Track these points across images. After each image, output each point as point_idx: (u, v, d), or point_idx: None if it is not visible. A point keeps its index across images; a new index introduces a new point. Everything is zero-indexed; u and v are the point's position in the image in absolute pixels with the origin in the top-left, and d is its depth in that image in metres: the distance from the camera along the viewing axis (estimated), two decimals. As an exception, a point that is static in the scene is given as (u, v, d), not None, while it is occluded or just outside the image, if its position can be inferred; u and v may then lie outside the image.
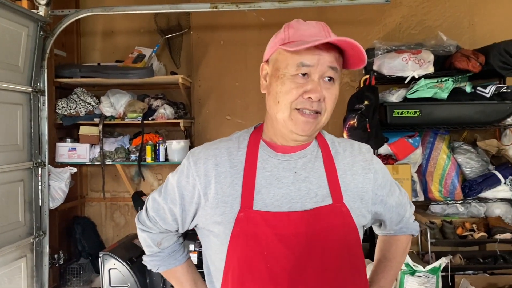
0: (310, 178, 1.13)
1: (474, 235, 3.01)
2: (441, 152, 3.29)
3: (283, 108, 1.08)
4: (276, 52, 1.12)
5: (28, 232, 2.80)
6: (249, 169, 1.13)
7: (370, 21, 3.73)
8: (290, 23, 1.13)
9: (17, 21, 2.58)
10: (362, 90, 3.19)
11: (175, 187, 1.17)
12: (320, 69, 1.06)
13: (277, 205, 1.10)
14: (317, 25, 1.11)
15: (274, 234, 1.06)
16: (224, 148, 1.17)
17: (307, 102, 1.06)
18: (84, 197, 4.10)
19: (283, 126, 1.11)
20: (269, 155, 1.15)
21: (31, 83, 2.82)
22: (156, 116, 3.56)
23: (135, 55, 3.64)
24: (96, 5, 3.77)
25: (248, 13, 3.77)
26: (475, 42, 3.52)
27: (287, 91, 1.07)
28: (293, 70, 1.06)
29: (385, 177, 1.24)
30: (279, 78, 1.09)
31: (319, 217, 1.09)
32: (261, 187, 1.11)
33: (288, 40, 1.09)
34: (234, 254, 1.08)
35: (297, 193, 1.11)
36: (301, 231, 1.07)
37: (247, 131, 1.22)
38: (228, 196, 1.11)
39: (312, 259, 1.07)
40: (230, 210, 1.10)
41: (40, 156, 2.90)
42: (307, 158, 1.16)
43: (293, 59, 1.06)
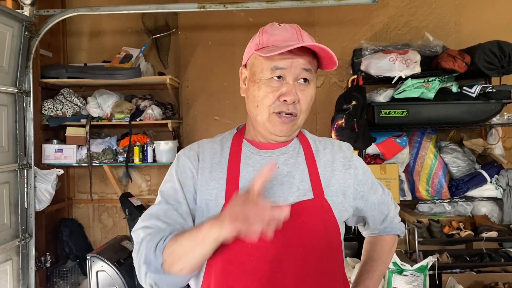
0: (292, 173, 1.18)
1: (461, 233, 3.04)
2: (428, 151, 3.32)
3: (262, 111, 1.14)
4: (252, 56, 1.17)
5: (13, 235, 2.76)
6: (233, 166, 1.17)
7: (357, 21, 3.75)
8: (264, 28, 1.18)
9: (1, 21, 2.55)
10: (349, 90, 3.21)
11: (177, 188, 1.16)
12: (294, 71, 1.11)
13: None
14: (290, 29, 1.15)
15: None
16: (209, 147, 1.23)
17: (283, 105, 1.12)
18: (71, 199, 4.06)
19: (263, 127, 1.17)
20: (252, 152, 1.20)
21: (16, 84, 2.79)
22: (144, 116, 3.54)
23: (122, 56, 3.61)
24: (82, 5, 3.73)
25: (236, 13, 3.77)
26: (461, 42, 3.55)
27: (264, 95, 1.13)
28: (268, 74, 1.12)
29: (365, 174, 1.29)
30: (255, 82, 1.15)
31: (301, 211, 1.12)
32: (245, 182, 1.15)
33: (262, 45, 1.14)
34: (217, 248, 1.07)
35: (280, 187, 1.15)
36: (284, 225, 1.07)
37: (230, 132, 1.28)
38: (212, 190, 1.14)
39: (293, 252, 1.09)
40: (215, 203, 1.13)
41: (25, 157, 2.87)
42: (289, 154, 1.21)
43: (267, 64, 1.12)
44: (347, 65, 3.70)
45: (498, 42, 3.00)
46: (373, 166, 3.20)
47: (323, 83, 3.79)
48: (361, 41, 3.42)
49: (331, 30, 3.77)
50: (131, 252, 1.28)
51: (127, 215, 3.32)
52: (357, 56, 3.35)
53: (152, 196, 3.98)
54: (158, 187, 1.24)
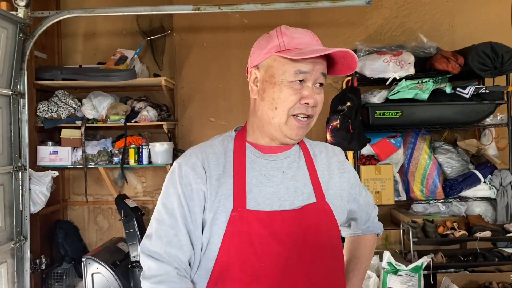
0: (296, 177, 1.19)
1: (455, 233, 3.05)
2: (423, 152, 3.34)
3: (281, 114, 1.13)
4: (270, 58, 1.15)
5: (8, 237, 2.75)
6: (239, 170, 1.16)
7: (352, 23, 3.77)
8: (281, 30, 1.16)
9: (-4, 23, 2.54)
10: (344, 91, 3.22)
11: (182, 200, 1.13)
12: (315, 75, 1.13)
13: (269, 203, 1.13)
14: (307, 33, 1.17)
15: (268, 233, 1.09)
16: (211, 153, 1.19)
17: (303, 107, 1.12)
18: (67, 200, 4.05)
19: (277, 130, 1.15)
20: (256, 156, 1.20)
21: (11, 86, 2.78)
22: (139, 118, 3.54)
23: (117, 57, 3.61)
24: (77, 7, 3.74)
25: (231, 15, 3.78)
26: (455, 43, 3.58)
27: (286, 97, 1.12)
28: (290, 77, 1.11)
29: (355, 177, 1.34)
30: (276, 84, 1.13)
31: (308, 214, 1.14)
32: (252, 186, 1.14)
33: (284, 47, 1.12)
34: (228, 253, 1.09)
35: (286, 191, 1.16)
36: (293, 229, 1.11)
37: (229, 135, 1.25)
38: (221, 196, 1.13)
39: (303, 256, 1.11)
40: (223, 209, 1.11)
41: (20, 160, 2.86)
42: (291, 158, 1.22)
43: (291, 66, 1.11)
44: (342, 66, 3.72)
45: (491, 43, 3.02)
46: (368, 167, 3.22)
47: (318, 84, 3.81)
48: (356, 43, 3.43)
49: (325, 32, 3.79)
50: (127, 254, 1.28)
51: (122, 217, 3.32)
52: (352, 58, 3.35)
53: (147, 198, 3.97)
54: (153, 189, 1.24)
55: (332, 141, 3.10)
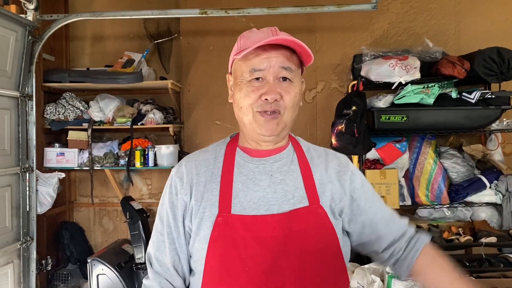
0: (286, 181, 1.17)
1: (460, 239, 3.04)
2: (428, 157, 3.33)
3: (246, 111, 1.15)
4: (234, 62, 1.19)
5: (15, 237, 2.77)
6: (226, 174, 1.17)
7: (357, 27, 3.77)
8: (243, 34, 1.20)
9: (5, 26, 2.58)
10: (350, 95, 3.23)
11: (168, 211, 1.19)
12: (273, 71, 1.12)
13: (255, 207, 1.13)
14: (267, 30, 1.16)
15: (252, 237, 1.09)
16: (202, 159, 1.23)
17: (265, 103, 1.12)
18: (73, 202, 4.07)
19: (250, 129, 1.17)
20: (245, 160, 1.20)
21: (19, 88, 2.81)
22: (146, 121, 3.57)
23: (125, 60, 3.64)
24: (85, 10, 3.77)
25: (237, 19, 3.80)
26: (461, 48, 3.58)
27: (245, 95, 1.14)
28: (247, 76, 1.13)
29: (364, 186, 1.25)
30: (237, 85, 1.16)
31: (296, 218, 1.12)
32: (238, 191, 1.15)
33: (239, 49, 1.15)
34: (213, 257, 1.10)
35: (274, 195, 1.15)
36: (278, 233, 1.09)
37: (224, 141, 1.28)
38: (207, 201, 1.14)
39: (290, 261, 1.08)
40: (209, 214, 1.13)
41: (27, 161, 2.89)
42: (282, 162, 1.20)
43: (245, 66, 1.13)
44: (347, 70, 3.73)
45: (498, 48, 3.01)
46: (373, 171, 3.22)
47: (323, 88, 3.82)
48: (362, 47, 3.44)
49: (331, 36, 3.80)
50: (132, 256, 1.31)
51: (128, 219, 3.34)
52: (357, 62, 3.37)
53: (153, 200, 3.99)
54: (159, 191, 1.27)
55: (337, 145, 3.10)
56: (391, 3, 3.74)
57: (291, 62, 1.13)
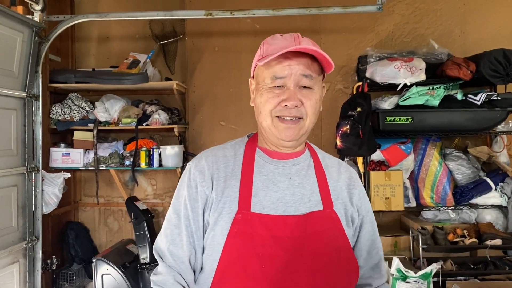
0: (303, 184, 1.20)
1: (465, 241, 3.03)
2: (433, 158, 3.32)
3: (265, 116, 1.16)
4: (256, 67, 1.21)
5: (21, 237, 2.79)
6: (246, 173, 1.19)
7: (363, 29, 3.77)
8: (266, 40, 1.21)
9: (12, 27, 2.59)
10: (354, 97, 3.22)
11: (187, 203, 1.19)
12: (294, 78, 1.13)
13: (273, 207, 1.15)
14: (290, 37, 1.17)
15: (270, 236, 1.11)
16: (221, 156, 1.24)
17: (285, 109, 1.14)
18: (78, 202, 4.09)
19: (269, 133, 1.19)
20: (265, 161, 1.22)
21: (26, 88, 2.82)
22: (151, 121, 3.58)
23: (130, 61, 3.65)
24: (91, 11, 3.79)
25: (242, 20, 3.80)
26: (466, 50, 3.56)
27: (265, 101, 1.15)
28: (269, 83, 1.15)
29: (366, 205, 1.31)
30: (259, 90, 1.18)
31: (312, 221, 1.15)
32: (258, 190, 1.17)
33: (262, 55, 1.17)
34: (230, 253, 1.11)
35: (292, 197, 1.17)
36: (295, 234, 1.12)
37: (242, 140, 1.29)
38: (227, 197, 1.16)
39: (304, 262, 1.11)
40: (228, 210, 1.14)
41: (33, 161, 2.90)
42: (300, 166, 1.23)
43: (268, 73, 1.15)
44: (352, 72, 3.73)
45: (504, 50, 3.01)
46: (377, 173, 3.22)
47: (328, 90, 3.81)
48: (367, 48, 3.44)
49: (336, 38, 3.80)
50: (136, 256, 1.31)
51: (132, 219, 3.35)
52: (362, 63, 3.37)
53: (157, 200, 4.01)
54: (163, 191, 1.27)
55: (342, 146, 3.10)
56: (396, 4, 3.73)
57: (312, 70, 1.15)
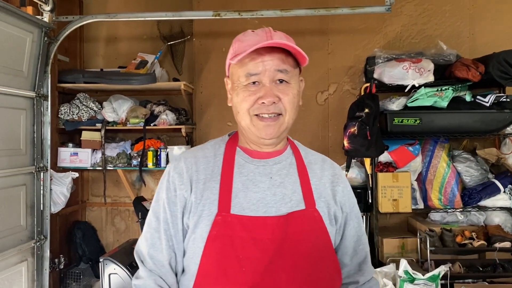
0: (285, 184, 1.18)
1: (474, 243, 3.02)
2: (441, 160, 3.31)
3: (243, 116, 1.15)
4: (230, 66, 1.18)
5: (29, 236, 2.81)
6: (226, 174, 1.17)
7: (370, 29, 3.76)
8: (237, 37, 1.18)
9: (22, 27, 2.61)
10: (362, 98, 3.22)
11: (166, 207, 1.17)
12: (269, 74, 1.11)
13: (254, 209, 1.13)
14: (261, 32, 1.14)
15: (250, 238, 1.09)
16: (201, 156, 1.22)
17: (263, 107, 1.12)
18: (85, 201, 4.11)
19: (249, 132, 1.17)
20: (245, 161, 1.20)
21: (35, 88, 2.84)
22: (158, 122, 3.59)
23: (138, 61, 3.67)
24: (100, 12, 3.80)
25: (250, 20, 3.78)
26: (475, 51, 3.55)
27: (242, 100, 1.13)
28: (243, 81, 1.13)
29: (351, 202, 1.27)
30: (234, 90, 1.16)
31: (293, 221, 1.13)
32: (238, 191, 1.15)
33: (235, 53, 1.14)
34: (210, 256, 1.10)
35: (273, 197, 1.15)
36: (276, 235, 1.10)
37: (222, 139, 1.27)
38: (206, 199, 1.14)
39: (285, 262, 1.10)
40: (208, 213, 1.12)
41: (42, 160, 2.92)
42: (282, 165, 1.21)
43: (242, 71, 1.13)
44: (360, 73, 3.72)
45: (513, 51, 3.00)
46: (385, 174, 3.21)
47: (335, 90, 3.81)
48: (375, 49, 3.43)
49: (344, 38, 3.79)
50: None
51: (139, 219, 3.36)
52: (370, 64, 3.36)
53: (164, 201, 4.01)
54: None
55: (350, 147, 3.09)
56: (404, 5, 3.72)
57: (286, 64, 1.13)
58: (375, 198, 3.23)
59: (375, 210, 3.24)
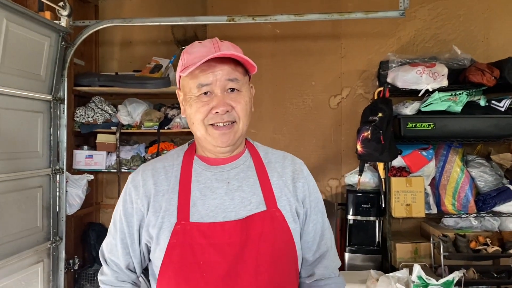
0: (242, 187, 1.19)
1: (488, 249, 2.99)
2: (455, 165, 3.29)
3: (198, 126, 1.15)
4: (181, 78, 1.19)
5: (45, 237, 2.85)
6: (184, 183, 1.18)
7: (384, 34, 3.76)
8: (185, 49, 1.20)
9: (40, 32, 2.66)
10: (376, 102, 3.22)
11: (122, 217, 1.22)
12: (220, 84, 1.13)
13: (212, 215, 1.14)
14: (209, 43, 1.16)
15: (209, 244, 1.11)
16: (160, 167, 1.23)
17: (217, 116, 1.13)
18: (99, 203, 4.16)
19: (205, 142, 1.18)
20: (202, 169, 1.21)
21: (52, 92, 2.89)
22: (172, 125, 3.62)
23: (152, 65, 3.70)
24: (114, 16, 3.86)
25: (263, 25, 3.83)
26: (490, 55, 3.53)
27: (196, 111, 1.14)
28: (195, 92, 1.14)
29: (313, 196, 1.27)
30: (187, 101, 1.17)
31: (253, 224, 1.14)
32: (196, 199, 1.16)
33: (184, 65, 1.15)
34: (170, 265, 1.12)
35: (231, 202, 1.16)
36: (235, 239, 1.11)
37: (182, 148, 1.29)
38: (165, 211, 1.15)
39: (247, 265, 1.11)
40: (168, 224, 1.14)
41: (58, 163, 2.96)
42: (239, 168, 1.22)
43: (193, 82, 1.14)
44: (373, 77, 3.72)
45: (528, 56, 2.98)
46: (398, 179, 3.20)
47: (348, 95, 3.81)
48: (388, 53, 3.43)
49: (357, 43, 3.80)
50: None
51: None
52: (384, 68, 3.36)
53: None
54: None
55: (363, 151, 3.09)
56: (418, 9, 3.71)
57: (236, 72, 1.15)
58: (388, 203, 3.23)
59: (388, 215, 3.24)
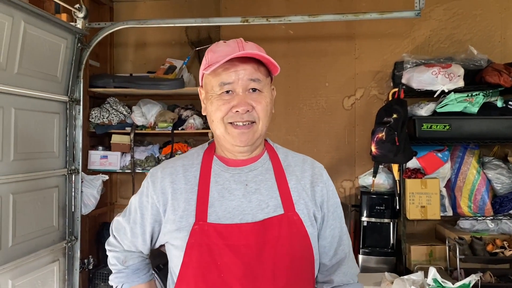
0: (260, 190, 1.19)
1: (505, 252, 2.95)
2: (471, 167, 3.25)
3: (217, 124, 1.16)
4: (204, 76, 1.21)
5: (61, 237, 2.88)
6: (203, 184, 1.19)
7: (398, 34, 3.73)
8: (210, 47, 1.21)
9: (57, 34, 2.69)
10: (390, 103, 3.19)
11: (137, 207, 1.26)
12: (242, 83, 1.14)
13: (229, 217, 1.15)
14: (233, 43, 1.17)
15: (225, 245, 1.11)
16: (179, 166, 1.25)
17: (237, 115, 1.14)
18: (114, 203, 4.19)
19: (224, 140, 1.19)
20: (221, 169, 1.22)
21: (68, 93, 2.92)
22: (186, 126, 3.63)
23: (167, 67, 3.73)
24: (129, 18, 3.89)
25: (277, 26, 3.82)
26: (507, 56, 3.48)
27: (216, 108, 1.15)
28: (217, 90, 1.15)
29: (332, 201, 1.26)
30: (208, 99, 1.18)
31: (270, 227, 1.14)
32: (214, 200, 1.17)
33: (208, 64, 1.16)
34: (189, 265, 1.13)
35: (248, 204, 1.17)
36: (251, 241, 1.12)
37: (202, 147, 1.30)
38: (184, 211, 1.17)
39: (264, 268, 1.11)
40: (186, 223, 1.15)
41: (74, 163, 2.99)
42: (258, 171, 1.22)
43: (215, 81, 1.15)
44: (388, 77, 3.69)
45: (547, 56, 2.93)
46: (413, 181, 3.17)
47: (362, 95, 3.78)
48: (403, 54, 3.41)
49: (371, 43, 3.77)
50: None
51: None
52: (398, 69, 3.33)
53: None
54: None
55: (377, 153, 3.07)
56: (433, 9, 3.68)
57: (258, 73, 1.16)
58: (403, 205, 3.20)
59: (403, 217, 3.21)
